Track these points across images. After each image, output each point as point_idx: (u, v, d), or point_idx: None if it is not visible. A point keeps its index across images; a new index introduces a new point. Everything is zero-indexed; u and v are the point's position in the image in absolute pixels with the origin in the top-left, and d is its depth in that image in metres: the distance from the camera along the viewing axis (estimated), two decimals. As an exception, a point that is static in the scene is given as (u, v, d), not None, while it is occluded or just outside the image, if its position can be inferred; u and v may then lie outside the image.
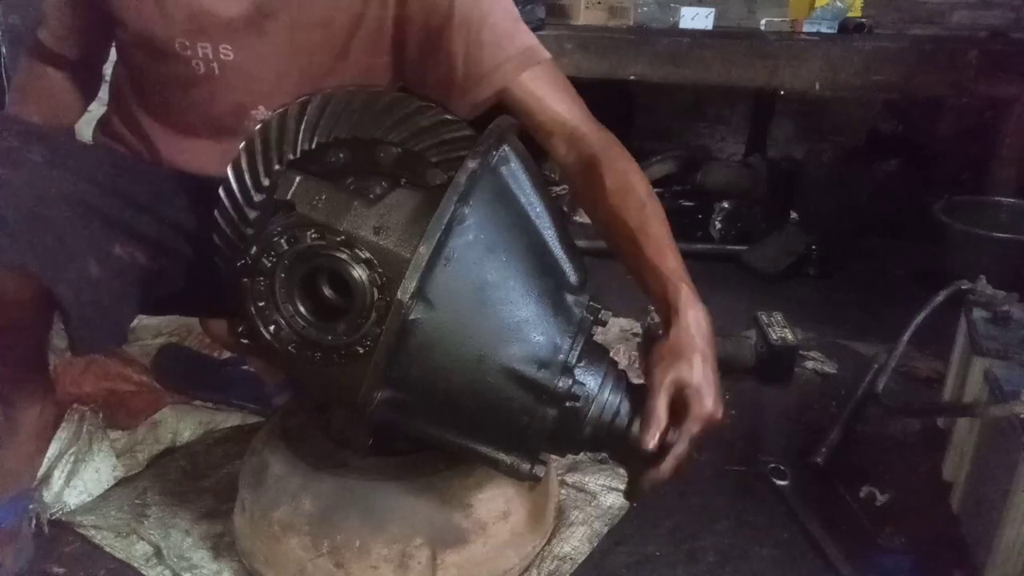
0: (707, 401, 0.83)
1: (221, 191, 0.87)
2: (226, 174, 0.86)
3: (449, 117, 0.85)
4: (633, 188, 0.95)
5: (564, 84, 1.01)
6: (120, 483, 1.18)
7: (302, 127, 0.84)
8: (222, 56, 0.97)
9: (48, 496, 1.10)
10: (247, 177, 0.86)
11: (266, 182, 0.85)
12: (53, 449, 1.13)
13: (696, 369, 0.83)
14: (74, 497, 1.13)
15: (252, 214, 0.86)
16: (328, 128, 0.84)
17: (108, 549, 1.06)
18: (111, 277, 0.89)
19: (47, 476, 1.11)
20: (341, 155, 0.84)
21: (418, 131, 0.83)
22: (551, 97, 0.99)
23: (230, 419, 1.35)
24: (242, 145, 0.87)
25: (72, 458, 1.14)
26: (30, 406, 1.03)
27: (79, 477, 1.14)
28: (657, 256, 0.90)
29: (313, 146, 0.84)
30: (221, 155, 0.90)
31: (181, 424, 1.30)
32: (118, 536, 1.08)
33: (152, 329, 1.68)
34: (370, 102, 0.85)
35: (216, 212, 0.87)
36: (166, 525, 1.10)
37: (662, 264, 0.90)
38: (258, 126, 0.86)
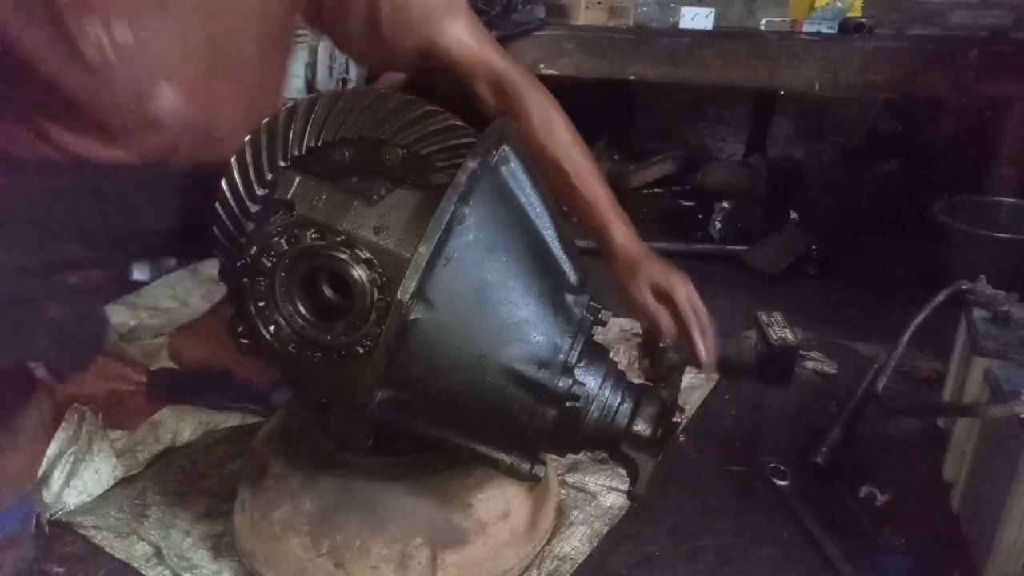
0: (681, 283, 0.91)
1: (223, 184, 0.87)
2: (230, 166, 0.86)
3: (457, 123, 0.85)
4: (557, 122, 1.00)
5: (484, 31, 1.05)
6: (120, 483, 1.18)
7: (309, 124, 0.84)
8: (119, 38, 0.91)
9: (48, 496, 1.10)
10: (251, 171, 0.86)
11: (269, 176, 0.85)
12: (52, 448, 1.13)
13: (656, 265, 0.90)
14: (74, 497, 1.13)
15: (254, 208, 0.86)
16: (335, 126, 0.84)
17: (108, 549, 1.06)
18: (73, 308, 0.89)
19: (46, 476, 1.11)
20: (346, 153, 0.84)
21: (426, 135, 0.83)
22: (476, 43, 1.02)
23: (230, 419, 1.35)
24: (247, 139, 0.87)
25: (71, 458, 1.13)
26: (27, 408, 1.03)
27: (79, 477, 1.14)
28: (583, 184, 0.97)
29: (319, 143, 0.84)
30: (124, 141, 0.89)
31: (181, 424, 1.29)
32: (118, 536, 1.08)
33: (152, 329, 1.68)
34: (379, 103, 0.85)
35: (217, 204, 0.87)
36: (166, 525, 1.10)
37: (588, 191, 0.96)
38: (265, 120, 0.86)
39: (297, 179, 0.84)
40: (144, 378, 1.44)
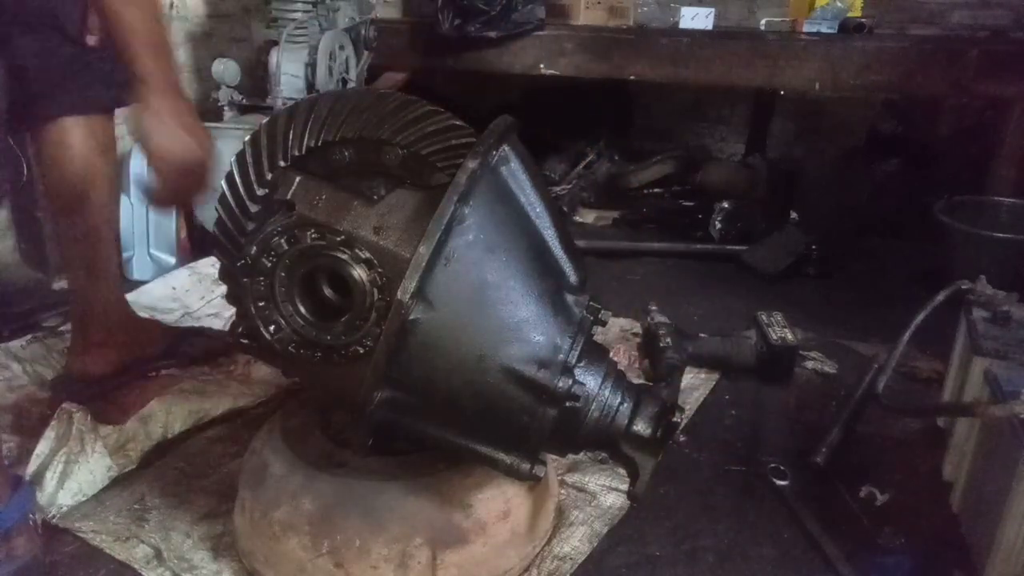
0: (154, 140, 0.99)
1: (224, 183, 0.87)
2: (231, 165, 0.87)
3: (457, 123, 0.85)
4: None
5: None
6: (117, 486, 1.18)
7: (309, 124, 0.84)
8: None
9: (42, 498, 1.10)
10: (251, 171, 0.86)
11: (270, 176, 0.85)
12: (42, 447, 1.13)
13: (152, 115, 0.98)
14: (68, 498, 1.12)
15: (254, 208, 0.86)
16: (335, 126, 0.84)
17: (108, 551, 1.06)
18: None
19: (39, 477, 1.11)
20: (346, 153, 0.84)
21: (426, 135, 0.83)
22: None
23: (220, 405, 1.34)
24: (247, 138, 0.87)
25: (63, 458, 1.13)
26: None
27: (73, 478, 1.13)
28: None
29: (319, 143, 0.84)
30: None
31: (171, 417, 1.28)
32: (117, 540, 1.08)
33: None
34: (379, 103, 0.85)
35: (217, 203, 0.87)
36: (166, 527, 1.10)
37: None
38: (265, 120, 0.87)
39: (297, 179, 0.84)
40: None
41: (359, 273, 0.81)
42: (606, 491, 1.19)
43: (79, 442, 1.16)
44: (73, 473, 1.14)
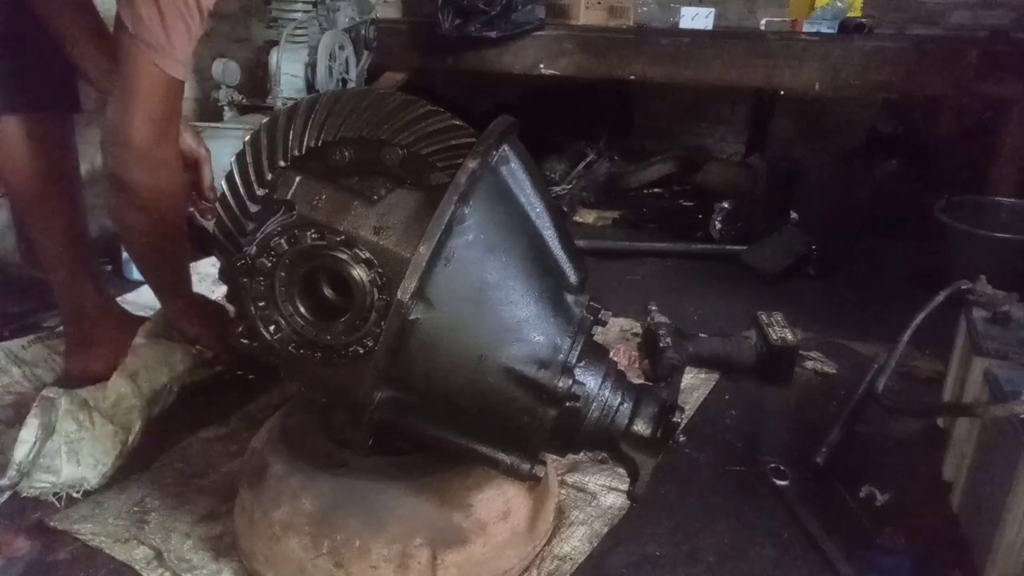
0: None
1: (224, 183, 0.87)
2: (231, 166, 0.87)
3: (457, 123, 0.85)
4: None
5: None
6: (116, 487, 1.17)
7: (309, 124, 0.84)
8: None
9: (58, 480, 1.12)
10: (251, 171, 0.86)
11: (270, 176, 0.85)
12: (27, 434, 1.12)
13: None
14: (89, 471, 1.15)
15: (254, 208, 0.86)
16: (335, 126, 0.84)
17: (108, 552, 1.06)
18: None
19: (49, 461, 1.12)
20: (346, 154, 0.84)
21: (426, 135, 0.83)
22: None
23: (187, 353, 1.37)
24: (247, 139, 0.87)
25: (63, 440, 1.14)
26: None
27: (85, 453, 1.15)
28: None
29: (319, 143, 0.84)
30: None
31: (150, 372, 1.30)
32: (117, 541, 1.08)
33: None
34: (379, 103, 0.85)
35: (217, 204, 0.87)
36: (166, 528, 1.09)
37: None
38: (265, 120, 0.87)
39: (297, 179, 0.84)
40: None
41: (359, 273, 0.81)
42: (606, 491, 1.19)
43: (73, 422, 1.16)
44: (82, 450, 1.15)
